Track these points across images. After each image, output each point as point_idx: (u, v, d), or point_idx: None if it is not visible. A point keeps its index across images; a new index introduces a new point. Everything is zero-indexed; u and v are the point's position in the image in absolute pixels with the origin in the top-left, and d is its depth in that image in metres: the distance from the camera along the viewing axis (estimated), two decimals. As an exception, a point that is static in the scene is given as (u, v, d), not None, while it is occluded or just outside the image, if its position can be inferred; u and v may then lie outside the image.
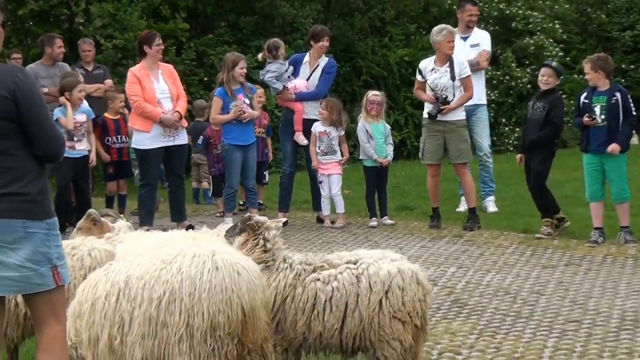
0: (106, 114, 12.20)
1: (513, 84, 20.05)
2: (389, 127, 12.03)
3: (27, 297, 4.66)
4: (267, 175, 13.08)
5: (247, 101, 11.67)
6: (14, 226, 4.54)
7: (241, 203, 12.88)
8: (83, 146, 11.28)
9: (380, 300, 5.45)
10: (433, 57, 11.32)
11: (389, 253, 5.71)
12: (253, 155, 11.80)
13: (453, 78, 11.02)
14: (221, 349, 4.97)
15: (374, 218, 11.83)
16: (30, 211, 4.57)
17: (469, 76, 11.17)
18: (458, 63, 11.12)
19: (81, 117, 11.22)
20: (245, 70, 11.69)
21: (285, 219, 6.44)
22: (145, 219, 11.47)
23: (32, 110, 4.64)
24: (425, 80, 11.20)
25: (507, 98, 20.11)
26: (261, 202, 12.99)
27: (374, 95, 12.00)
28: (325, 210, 11.90)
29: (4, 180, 4.55)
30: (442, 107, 10.96)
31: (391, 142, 11.91)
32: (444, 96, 10.98)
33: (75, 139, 11.19)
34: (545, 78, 10.48)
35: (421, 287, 5.55)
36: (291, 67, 12.19)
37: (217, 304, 4.94)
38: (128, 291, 5.04)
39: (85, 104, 11.42)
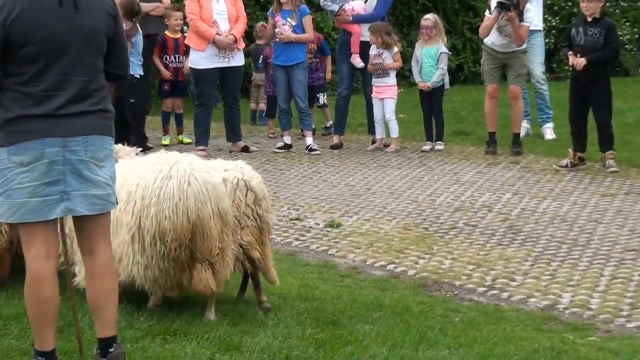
0: (167, 32, 12.16)
1: (575, 10, 19.55)
2: (444, 50, 11.77)
3: (87, 218, 4.54)
4: (322, 97, 12.92)
5: (293, 22, 11.53)
6: (107, 143, 4.53)
7: (327, 126, 12.84)
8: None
9: None
10: None
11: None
12: (299, 77, 11.67)
13: None
14: (169, 254, 5.23)
15: (429, 142, 11.75)
16: (112, 129, 4.61)
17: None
18: None
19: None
20: None
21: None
22: (200, 138, 11.53)
23: (120, 26, 4.66)
24: None
25: (568, 25, 19.61)
26: (329, 122, 12.91)
27: (424, 19, 11.88)
28: (379, 134, 11.82)
29: (98, 98, 4.51)
30: (513, 3, 10.68)
31: (443, 66, 11.67)
32: (514, 1, 10.74)
33: None
34: (585, 4, 10.17)
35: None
36: (349, -12, 12.03)
37: (165, 210, 5.19)
38: None
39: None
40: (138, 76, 11.02)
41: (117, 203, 4.68)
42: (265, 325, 5.38)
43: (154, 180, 5.29)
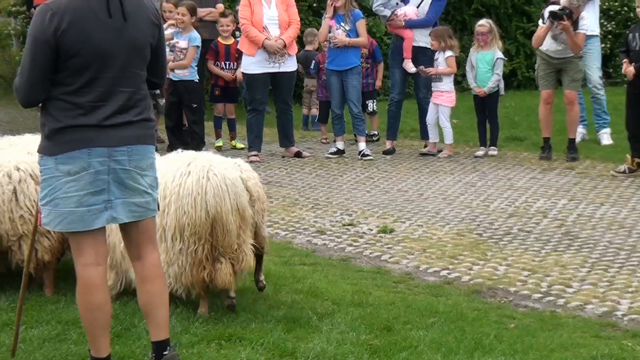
0: (219, 39, 12.22)
1: (631, 15, 19.30)
2: (500, 56, 11.67)
3: (131, 225, 4.59)
4: (371, 104, 12.88)
5: (347, 27, 11.52)
6: (150, 152, 4.58)
7: (371, 134, 12.84)
8: (182, 72, 11.28)
9: None
10: None
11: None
12: (353, 82, 11.64)
13: None
14: (188, 249, 5.32)
15: (482, 148, 11.67)
16: (154, 137, 4.68)
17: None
18: None
19: (182, 43, 11.19)
20: None
21: None
22: (252, 143, 11.58)
23: (163, 36, 4.72)
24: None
25: (624, 30, 19.37)
26: (375, 131, 12.91)
27: (479, 25, 11.80)
28: (431, 138, 11.76)
29: (141, 107, 4.54)
30: (566, 13, 10.60)
31: (498, 72, 11.58)
32: (567, 11, 10.65)
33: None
34: None
35: None
36: (401, -6, 12.01)
37: (183, 207, 5.29)
38: None
39: (194, 31, 11.39)
40: (197, 81, 11.12)
41: (158, 209, 4.71)
42: (319, 331, 5.37)
43: (172, 178, 5.38)
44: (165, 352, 4.61)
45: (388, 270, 7.16)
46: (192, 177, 5.35)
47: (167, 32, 10.87)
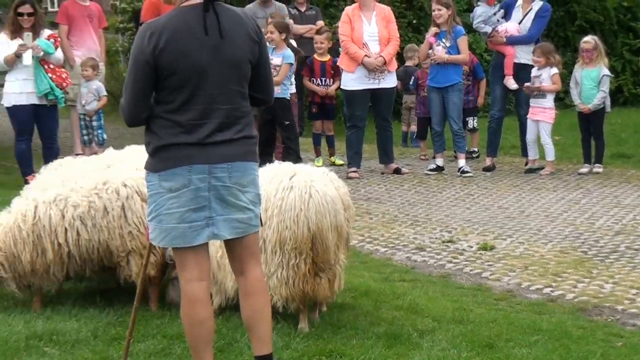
0: (315, 56, 12.29)
1: None
2: (606, 73, 11.41)
3: (234, 241, 4.63)
4: (471, 121, 12.76)
5: (447, 44, 11.46)
6: (251, 169, 4.59)
7: (472, 150, 12.74)
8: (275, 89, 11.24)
9: None
10: None
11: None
12: (454, 99, 11.55)
13: None
14: (289, 262, 5.39)
15: (586, 165, 11.45)
16: (256, 153, 4.65)
17: None
18: None
19: (276, 60, 11.22)
20: (438, 13, 11.44)
21: None
22: (352, 160, 11.59)
23: (265, 52, 4.71)
24: None
25: None
26: (475, 148, 12.80)
27: (584, 42, 11.55)
28: (531, 155, 11.58)
29: (242, 124, 4.56)
30: None
31: (604, 89, 11.33)
32: None
33: None
34: None
35: None
36: (502, 11, 11.90)
37: (285, 221, 5.36)
38: None
39: (287, 49, 11.42)
40: (288, 98, 11.18)
41: (261, 224, 4.73)
42: (420, 348, 5.32)
43: (275, 191, 5.44)
44: None
45: (489, 288, 7.07)
46: (294, 192, 5.40)
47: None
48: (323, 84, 12.23)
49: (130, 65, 4.51)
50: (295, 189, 5.42)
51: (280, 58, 10.93)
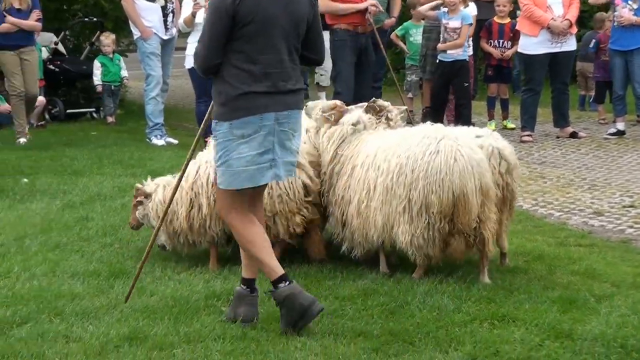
0: (495, 18, 12.08)
1: None
2: None
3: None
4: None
5: (635, 5, 11.00)
6: (300, 116, 5.07)
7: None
8: (456, 51, 11.10)
9: None
10: None
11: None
12: (639, 61, 11.12)
13: None
14: (434, 225, 5.53)
15: None
16: (303, 103, 5.22)
17: None
18: None
19: (454, 23, 11.01)
20: None
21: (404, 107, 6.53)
22: (527, 123, 11.37)
23: (317, 14, 5.07)
24: None
25: None
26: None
27: None
28: None
29: (297, 77, 4.98)
30: None
31: None
32: None
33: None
34: None
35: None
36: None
37: (432, 184, 5.49)
38: (375, 161, 5.76)
39: (463, 10, 11.21)
40: (467, 59, 11.05)
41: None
42: (597, 313, 5.16)
43: (422, 154, 5.55)
44: (280, 285, 4.91)
45: (673, 253, 6.77)
46: (440, 156, 5.51)
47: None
48: (500, 46, 12.01)
49: (209, 15, 4.92)
50: (441, 153, 5.51)
51: (459, 20, 10.80)
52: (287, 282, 4.91)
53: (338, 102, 6.40)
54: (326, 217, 6.26)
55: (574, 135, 11.38)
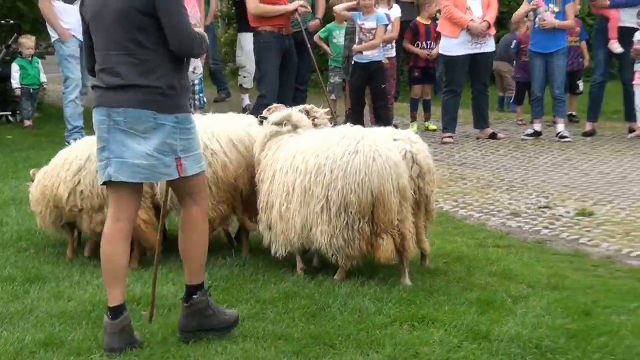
0: (418, 18, 12.19)
1: None
2: None
3: (170, 183, 4.91)
4: (580, 84, 12.56)
5: (555, 9, 11.22)
6: (145, 116, 4.70)
7: (570, 114, 12.51)
8: (371, 52, 11.11)
9: None
10: None
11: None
12: (559, 63, 11.36)
13: None
14: (353, 225, 5.59)
15: (691, 129, 11.12)
16: (161, 103, 4.70)
17: None
18: None
19: (370, 24, 11.03)
20: None
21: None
22: (447, 124, 11.50)
23: (166, 7, 4.69)
24: None
25: None
26: (573, 113, 12.55)
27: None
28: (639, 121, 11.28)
29: (137, 72, 4.69)
30: None
31: None
32: None
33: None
34: None
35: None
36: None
37: (350, 184, 5.55)
38: (294, 163, 5.81)
39: (378, 11, 11.23)
40: (383, 60, 11.08)
41: (185, 172, 4.78)
42: (513, 314, 5.25)
43: (341, 154, 5.61)
44: (194, 296, 4.90)
45: (586, 254, 6.92)
46: (359, 157, 5.56)
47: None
48: (428, 47, 12.11)
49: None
50: (360, 153, 5.55)
51: (374, 21, 10.86)
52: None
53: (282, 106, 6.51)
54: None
55: (493, 136, 11.56)
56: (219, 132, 6.35)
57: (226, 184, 6.30)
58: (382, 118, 11.02)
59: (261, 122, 6.31)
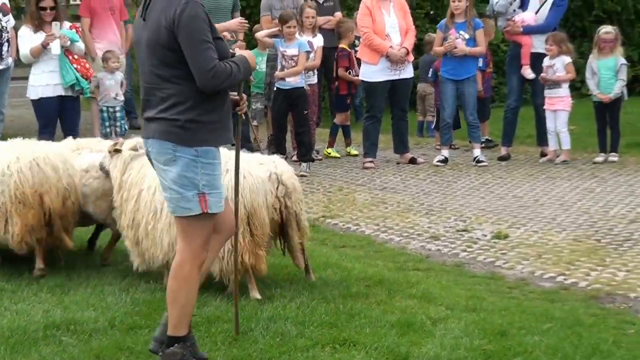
0: (341, 46, 12.29)
1: None
2: (622, 61, 11.39)
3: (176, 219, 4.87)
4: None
5: (466, 36, 11.49)
6: (165, 148, 4.72)
7: (487, 139, 12.76)
8: (294, 78, 11.13)
9: None
10: None
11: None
12: (471, 90, 11.63)
13: None
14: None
15: (601, 154, 11.44)
16: (180, 136, 4.70)
17: None
18: None
19: (292, 51, 11.15)
20: (458, 4, 11.49)
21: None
22: (368, 150, 11.64)
23: (186, 42, 4.66)
24: None
25: None
26: (489, 138, 12.83)
27: (605, 33, 11.46)
28: (552, 146, 11.58)
29: (162, 106, 4.73)
30: None
31: (623, 77, 11.33)
32: None
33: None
34: None
35: None
36: (518, 0, 11.89)
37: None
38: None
39: (300, 38, 11.34)
40: (305, 87, 11.19)
41: (211, 209, 4.75)
42: (432, 336, 5.38)
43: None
44: (171, 347, 4.83)
45: (502, 276, 7.11)
46: (229, 175, 5.63)
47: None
48: (355, 74, 12.21)
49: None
50: (230, 172, 5.60)
51: (296, 48, 10.96)
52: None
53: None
54: None
55: (413, 161, 11.73)
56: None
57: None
58: (305, 144, 11.12)
59: (116, 152, 6.45)
